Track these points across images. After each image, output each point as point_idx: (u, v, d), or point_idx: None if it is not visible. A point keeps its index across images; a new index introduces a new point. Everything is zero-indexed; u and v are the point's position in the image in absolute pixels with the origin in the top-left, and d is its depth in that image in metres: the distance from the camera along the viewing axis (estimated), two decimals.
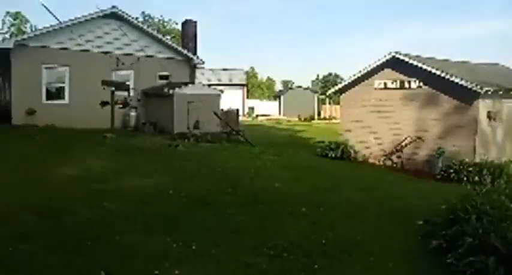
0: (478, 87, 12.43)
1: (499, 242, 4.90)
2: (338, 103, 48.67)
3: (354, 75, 16.18)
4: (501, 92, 13.14)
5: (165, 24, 48.16)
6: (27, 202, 6.41)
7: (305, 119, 40.34)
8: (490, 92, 12.62)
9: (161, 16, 51.83)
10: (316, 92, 45.25)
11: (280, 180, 10.10)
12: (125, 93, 17.75)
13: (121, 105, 16.70)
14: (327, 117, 44.53)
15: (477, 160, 12.62)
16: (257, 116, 39.98)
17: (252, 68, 77.22)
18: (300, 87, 46.83)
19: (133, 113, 19.37)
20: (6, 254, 4.54)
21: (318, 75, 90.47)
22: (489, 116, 12.93)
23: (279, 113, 43.14)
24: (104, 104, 15.95)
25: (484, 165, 12.08)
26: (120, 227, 5.78)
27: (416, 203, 9.05)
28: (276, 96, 47.03)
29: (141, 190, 7.86)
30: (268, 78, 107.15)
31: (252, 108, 41.22)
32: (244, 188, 8.75)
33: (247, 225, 6.49)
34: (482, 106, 12.81)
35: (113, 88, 16.48)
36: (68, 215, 6.03)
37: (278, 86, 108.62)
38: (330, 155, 16.01)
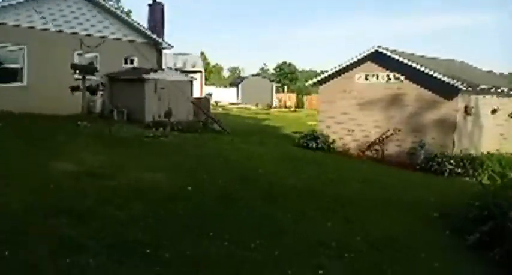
0: (459, 83, 13.06)
1: None
2: (292, 92, 49.44)
3: (335, 67, 16.32)
4: (478, 89, 13.91)
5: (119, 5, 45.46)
6: (48, 204, 5.68)
7: (262, 107, 40.47)
8: (469, 89, 13.30)
9: None
10: (273, 80, 45.40)
11: (283, 172, 10.00)
12: (94, 78, 16.55)
13: (101, 93, 15.56)
14: (283, 105, 44.98)
15: (456, 152, 13.34)
16: (217, 103, 39.33)
17: (203, 53, 75.83)
18: (257, 75, 46.71)
19: (98, 99, 18.13)
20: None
21: (264, 64, 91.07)
22: (466, 111, 13.67)
23: (237, 101, 42.80)
24: (74, 89, 14.69)
25: (464, 157, 12.80)
26: (162, 232, 5.31)
27: (420, 194, 9.38)
28: (233, 84, 46.52)
29: (157, 186, 7.33)
30: (216, 64, 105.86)
31: (210, 95, 40.37)
32: (254, 182, 8.50)
33: (285, 224, 6.28)
34: (461, 101, 13.50)
35: (82, 72, 15.25)
36: (100, 218, 5.43)
37: (225, 73, 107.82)
38: (310, 145, 16.14)
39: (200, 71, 40.42)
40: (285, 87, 45.66)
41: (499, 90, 14.90)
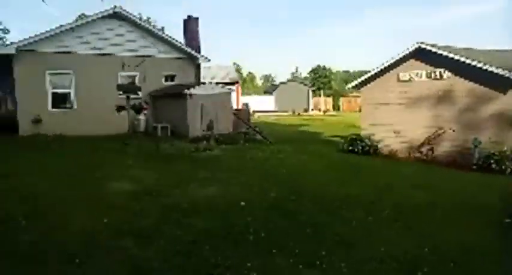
0: None
1: None
2: (329, 96, 48.80)
3: (377, 67, 15.92)
4: None
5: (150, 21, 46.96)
6: (113, 225, 5.82)
7: (299, 113, 40.19)
8: None
9: (138, 14, 50.49)
10: (307, 85, 45.09)
11: (335, 181, 9.78)
12: (137, 97, 17.07)
13: (145, 111, 16.04)
14: (321, 110, 44.51)
15: None
16: (254, 112, 39.48)
17: (235, 63, 76.71)
18: (292, 80, 46.53)
19: (142, 117, 18.61)
20: None
21: (296, 68, 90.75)
22: None
23: (274, 108, 42.78)
24: (120, 108, 15.16)
25: None
26: (229, 250, 5.27)
27: (483, 198, 8.86)
28: (268, 91, 46.58)
29: (213, 201, 7.34)
30: (249, 73, 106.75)
31: (246, 105, 40.64)
32: (307, 193, 8.33)
33: (349, 235, 6.09)
34: None
35: (127, 92, 15.74)
36: (165, 238, 5.47)
37: (259, 81, 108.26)
38: (356, 150, 15.77)
39: (236, 82, 40.82)
40: (321, 91, 45.14)
41: None
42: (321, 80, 52.66)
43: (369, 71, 16.46)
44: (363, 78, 16.64)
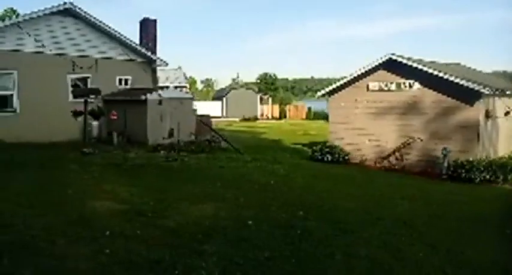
0: (481, 87, 12.90)
1: None
2: (279, 103, 49.06)
3: (345, 77, 15.97)
4: (497, 92, 13.83)
5: None
6: (118, 256, 4.86)
7: (249, 119, 39.83)
8: (491, 92, 13.17)
9: None
10: (258, 91, 44.93)
11: (327, 195, 9.42)
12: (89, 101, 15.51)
13: (114, 117, 14.58)
14: (269, 117, 44.54)
15: (480, 158, 13.11)
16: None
17: (179, 67, 74.83)
18: (242, 86, 46.10)
19: (95, 123, 17.05)
20: None
21: (238, 74, 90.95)
22: (487, 115, 13.54)
23: (222, 114, 41.98)
24: (77, 114, 13.67)
25: (493, 163, 12.58)
26: None
27: (473, 208, 8.99)
28: (217, 97, 45.71)
29: (217, 222, 6.56)
30: (190, 77, 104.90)
31: (195, 110, 39.47)
32: (312, 209, 7.85)
33: (371, 257, 5.66)
34: (482, 105, 13.35)
35: (85, 95, 14.28)
36: (185, 271, 4.65)
37: (199, 85, 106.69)
38: (326, 159, 15.65)
39: (185, 86, 39.55)
40: (270, 98, 45.23)
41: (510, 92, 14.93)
42: (268, 87, 52.95)
43: (309, 79, 16.46)
44: (331, 87, 16.62)
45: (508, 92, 14.64)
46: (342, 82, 16.09)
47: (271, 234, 6.21)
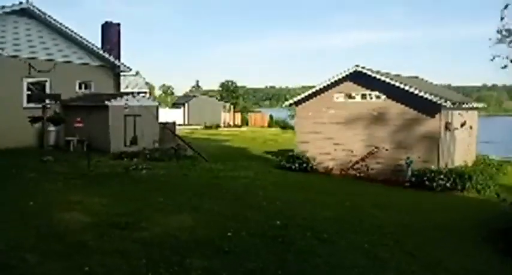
0: (443, 100, 13.52)
1: None
2: (240, 112, 49.11)
3: (313, 87, 16.20)
4: (455, 105, 14.53)
5: None
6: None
7: (211, 127, 39.49)
8: (451, 105, 13.82)
9: None
10: (220, 99, 44.70)
11: (300, 204, 9.40)
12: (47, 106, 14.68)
13: (80, 124, 13.78)
14: (231, 124, 44.39)
15: (441, 167, 13.70)
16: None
17: (138, 73, 73.09)
18: (204, 94, 45.67)
19: (52, 129, 16.17)
20: None
21: (197, 81, 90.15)
22: (446, 127, 14.18)
23: (184, 121, 41.32)
24: (35, 120, 12.88)
25: (453, 172, 13.16)
26: None
27: (442, 215, 9.33)
28: (178, 104, 44.95)
29: (195, 233, 6.33)
30: (147, 83, 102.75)
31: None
32: (289, 218, 7.79)
33: (355, 267, 5.68)
34: (443, 117, 13.98)
35: (44, 100, 13.51)
36: None
37: (157, 92, 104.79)
38: (293, 167, 15.75)
39: (145, 92, 38.52)
40: (232, 106, 45.12)
41: (467, 105, 15.76)
42: (230, 94, 52.90)
43: (265, 88, 16.67)
44: (299, 97, 16.82)
45: (464, 105, 15.44)
46: (309, 92, 16.32)
47: (254, 245, 6.09)
